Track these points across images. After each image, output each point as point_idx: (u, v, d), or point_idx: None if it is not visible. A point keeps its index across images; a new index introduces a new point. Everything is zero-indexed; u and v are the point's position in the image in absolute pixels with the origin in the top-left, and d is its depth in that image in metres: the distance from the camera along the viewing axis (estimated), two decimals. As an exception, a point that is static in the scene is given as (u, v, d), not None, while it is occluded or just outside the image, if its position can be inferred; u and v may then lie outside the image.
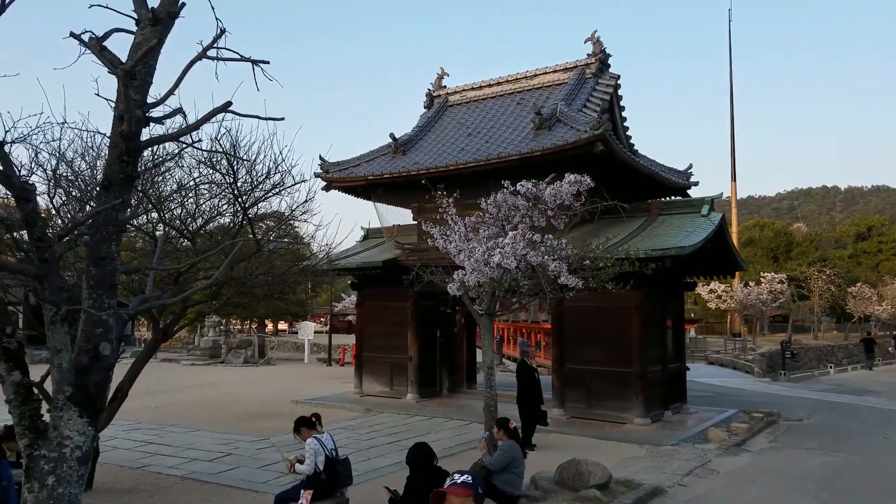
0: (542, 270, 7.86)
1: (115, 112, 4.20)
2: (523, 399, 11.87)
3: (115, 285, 4.10)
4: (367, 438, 12.76)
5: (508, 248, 7.62)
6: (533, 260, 7.72)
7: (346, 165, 17.08)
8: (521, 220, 8.68)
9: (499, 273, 7.83)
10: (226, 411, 16.69)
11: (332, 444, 7.22)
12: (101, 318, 3.93)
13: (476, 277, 7.72)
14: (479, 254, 7.86)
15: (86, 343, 3.88)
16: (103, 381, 3.89)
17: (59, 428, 3.75)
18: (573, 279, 7.82)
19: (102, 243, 3.97)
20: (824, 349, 44.48)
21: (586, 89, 16.53)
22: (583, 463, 8.81)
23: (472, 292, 8.75)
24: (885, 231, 68.91)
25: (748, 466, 10.73)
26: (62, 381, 3.74)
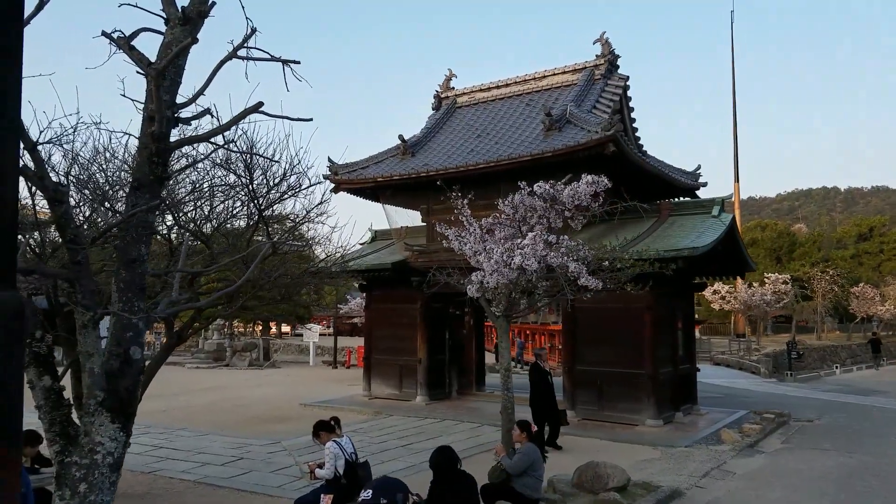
0: (561, 272, 7.79)
1: (144, 113, 4.15)
2: (537, 402, 11.80)
3: (145, 288, 4.04)
4: (379, 442, 12.69)
5: (528, 249, 7.56)
6: (553, 261, 7.66)
7: (354, 167, 17.04)
8: (539, 222, 8.63)
9: (517, 274, 7.76)
10: (234, 415, 16.63)
11: (352, 448, 7.16)
12: (132, 321, 3.88)
13: (497, 278, 7.66)
14: (498, 255, 7.79)
15: (116, 347, 3.82)
16: (134, 386, 3.82)
17: (91, 434, 3.68)
18: (593, 280, 7.76)
19: (133, 246, 3.91)
20: (828, 349, 44.45)
21: (595, 90, 16.49)
22: (601, 465, 8.75)
23: (489, 294, 8.68)
24: (887, 232, 68.85)
25: (764, 468, 10.66)
26: (94, 385, 3.68)
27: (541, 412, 11.72)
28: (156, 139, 3.99)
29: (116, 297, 3.83)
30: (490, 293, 8.68)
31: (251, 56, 4.25)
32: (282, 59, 4.31)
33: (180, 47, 3.96)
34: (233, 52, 4.21)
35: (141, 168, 4.02)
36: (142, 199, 3.96)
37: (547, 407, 11.77)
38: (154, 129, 3.95)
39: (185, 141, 4.42)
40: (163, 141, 4.04)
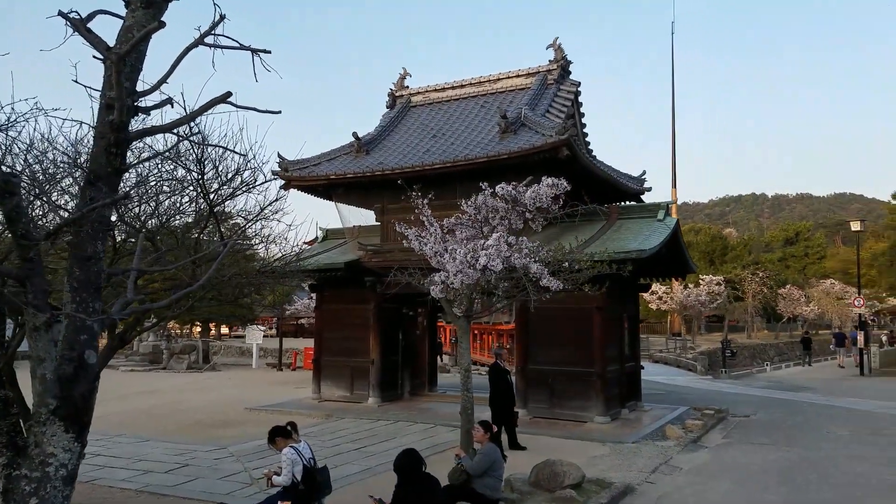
0: (523, 273, 7.80)
1: (101, 100, 3.90)
2: (496, 401, 11.80)
3: (101, 288, 3.78)
4: (331, 445, 12.44)
5: (493, 250, 7.54)
6: (517, 262, 7.66)
7: (306, 164, 16.68)
8: (500, 223, 8.62)
9: (479, 275, 7.72)
10: (176, 420, 16.02)
11: (310, 453, 6.96)
12: (87, 323, 3.62)
13: (461, 279, 7.60)
14: (462, 255, 7.74)
15: (70, 351, 3.55)
16: (89, 393, 3.56)
17: (42, 445, 3.40)
18: (554, 282, 7.79)
19: (88, 242, 3.66)
20: (758, 348, 46.44)
21: (548, 95, 16.66)
22: (557, 464, 8.81)
23: (450, 294, 8.61)
24: (811, 236, 72.60)
25: (709, 463, 10.97)
26: (45, 393, 3.41)
27: (500, 412, 11.74)
28: (115, 129, 3.75)
29: (70, 297, 3.57)
30: (451, 294, 8.61)
31: (219, 44, 4.05)
32: (251, 47, 4.13)
33: (145, 31, 3.73)
34: (199, 39, 4.00)
35: (97, 159, 3.77)
36: (98, 192, 3.71)
37: (506, 407, 11.80)
38: (113, 117, 3.71)
39: (147, 131, 4.17)
40: (122, 131, 3.80)
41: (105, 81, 3.84)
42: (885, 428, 14.31)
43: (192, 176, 7.70)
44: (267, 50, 4.16)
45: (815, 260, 68.49)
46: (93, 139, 3.89)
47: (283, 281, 10.75)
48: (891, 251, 30.11)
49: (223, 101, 3.88)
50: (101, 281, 3.74)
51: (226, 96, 3.88)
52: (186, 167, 7.71)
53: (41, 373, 3.46)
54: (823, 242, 74.24)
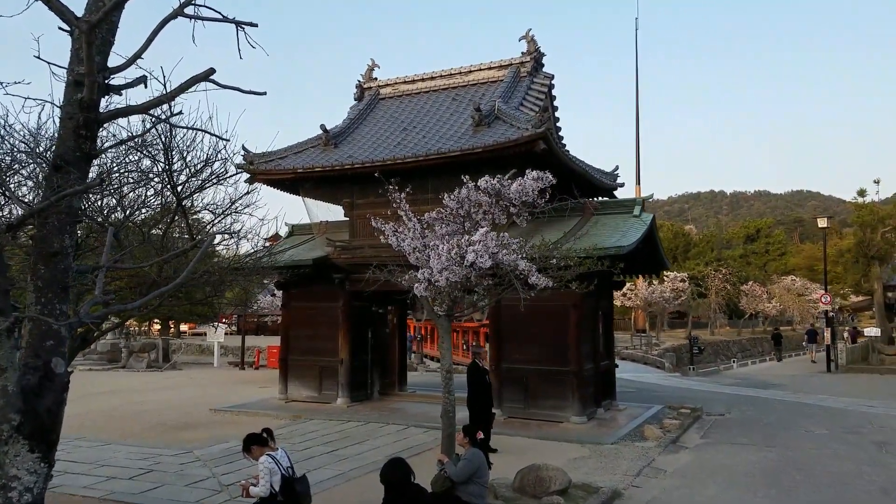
0: (511, 269, 7.51)
1: (68, 76, 3.45)
2: (474, 402, 11.51)
3: (69, 287, 3.35)
4: (302, 449, 11.99)
5: (481, 246, 7.22)
6: (505, 259, 7.36)
7: (272, 157, 16.12)
8: (484, 217, 8.31)
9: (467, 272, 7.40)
10: (138, 422, 15.37)
11: (288, 462, 6.54)
12: (53, 327, 3.19)
13: (447, 276, 7.26)
14: (446, 251, 7.41)
15: (34, 359, 3.11)
16: (57, 406, 3.13)
17: (4, 467, 2.96)
18: (543, 279, 7.53)
19: (55, 235, 3.22)
20: (721, 344, 47.20)
21: (522, 87, 16.43)
22: (543, 468, 8.56)
23: (432, 292, 8.27)
24: (772, 234, 74.17)
25: (692, 464, 10.87)
26: (7, 407, 2.96)
27: (479, 413, 11.45)
28: (84, 108, 3.31)
29: (34, 297, 3.13)
30: (433, 291, 8.27)
31: (200, 15, 3.63)
32: (235, 20, 3.71)
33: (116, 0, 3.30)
34: (179, 10, 3.58)
35: (65, 142, 3.33)
36: (66, 179, 3.28)
37: (485, 408, 11.52)
38: (82, 95, 3.27)
39: (120, 112, 3.73)
40: (92, 110, 3.36)
41: (72, 55, 3.40)
42: (860, 426, 14.45)
43: (159, 166, 7.21)
44: (253, 23, 3.75)
45: (776, 256, 69.99)
46: (58, 121, 3.45)
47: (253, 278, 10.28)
48: (856, 248, 30.82)
49: (206, 78, 3.48)
50: (69, 280, 3.31)
51: (209, 73, 3.48)
52: (152, 156, 7.21)
53: (2, 384, 3.02)
54: (784, 239, 75.94)
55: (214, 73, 3.50)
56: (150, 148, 7.15)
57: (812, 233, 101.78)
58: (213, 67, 3.50)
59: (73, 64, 3.40)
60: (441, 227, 8.78)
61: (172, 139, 7.17)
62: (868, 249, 29.44)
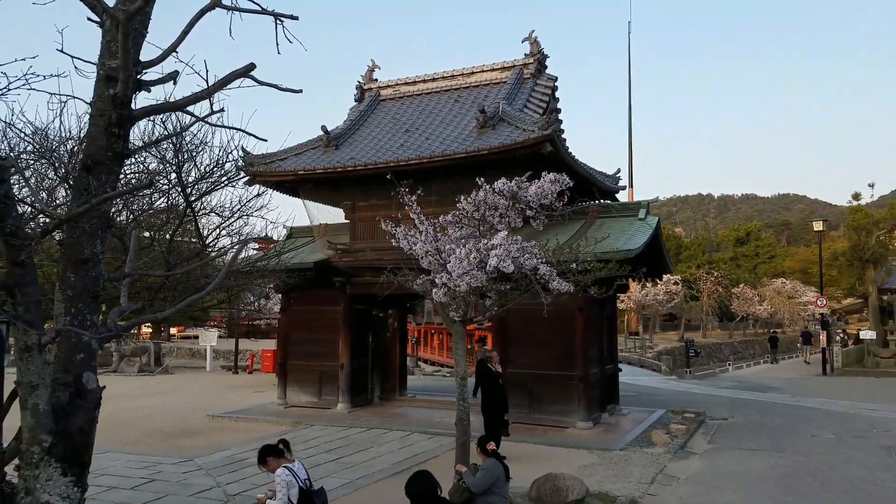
0: (532, 275, 7.33)
1: (99, 70, 3.23)
2: (488, 407, 11.30)
3: (98, 296, 3.13)
4: (305, 456, 11.69)
5: (502, 251, 7.04)
6: (527, 263, 7.18)
7: (272, 158, 15.85)
8: (500, 221, 8.12)
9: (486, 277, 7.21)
10: (134, 428, 15.07)
11: (305, 474, 6.34)
12: (83, 339, 2.97)
13: (468, 281, 7.07)
14: (464, 256, 7.21)
15: (64, 374, 2.89)
16: (89, 424, 2.91)
17: (35, 492, 2.73)
18: (565, 284, 7.36)
19: (86, 241, 3.00)
20: (714, 347, 47.27)
21: (525, 89, 16.27)
22: (560, 478, 8.38)
23: (449, 298, 8.07)
24: (761, 237, 74.56)
25: (703, 471, 10.73)
26: (38, 428, 2.73)
27: (494, 418, 11.24)
28: (117, 104, 3.10)
29: (63, 308, 2.91)
30: (450, 297, 8.08)
31: (238, 6, 3.42)
32: (275, 12, 3.51)
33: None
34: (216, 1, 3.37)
35: (96, 141, 3.11)
36: (97, 180, 3.06)
37: (499, 412, 11.32)
38: (116, 90, 3.05)
39: (155, 109, 3.50)
40: (125, 107, 3.15)
41: (103, 48, 3.18)
42: (865, 430, 14.40)
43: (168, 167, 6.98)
44: (293, 16, 3.54)
45: (766, 259, 70.32)
46: (88, 118, 3.22)
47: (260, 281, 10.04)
48: (851, 251, 30.94)
49: (246, 73, 3.27)
50: (100, 288, 3.09)
51: (249, 68, 3.27)
52: (162, 157, 6.98)
53: (33, 402, 2.79)
54: (773, 242, 76.38)
55: (255, 68, 3.29)
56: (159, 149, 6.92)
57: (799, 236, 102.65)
58: (253, 63, 3.29)
59: (103, 57, 3.18)
60: (455, 230, 8.59)
61: (182, 141, 6.95)
62: (863, 253, 29.60)
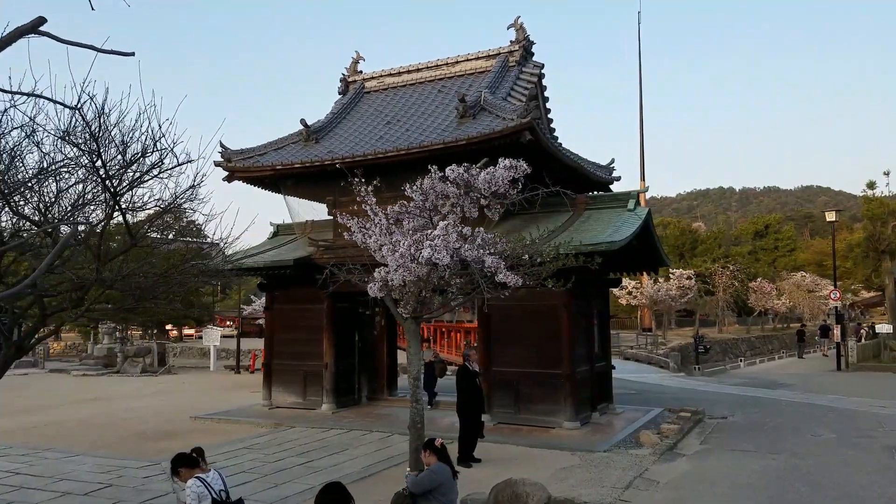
0: (477, 266, 6.81)
1: None
2: (465, 408, 10.87)
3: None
4: (275, 460, 11.34)
5: (440, 241, 6.53)
6: (468, 255, 6.67)
7: (251, 154, 15.49)
8: (451, 210, 7.61)
9: (426, 270, 6.71)
10: (115, 431, 14.82)
11: (221, 485, 5.89)
12: None
13: (402, 275, 6.58)
14: (405, 248, 6.72)
15: None
16: None
17: None
18: (512, 276, 6.83)
19: None
20: (730, 343, 46.19)
21: (510, 77, 15.72)
22: (519, 483, 7.83)
23: (396, 293, 7.59)
24: (781, 229, 72.96)
25: (687, 474, 10.10)
26: None
27: (470, 421, 10.82)
28: None
29: None
30: (396, 292, 7.58)
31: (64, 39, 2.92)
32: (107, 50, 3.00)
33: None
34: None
35: None
36: None
37: (476, 413, 10.89)
38: None
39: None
40: None
41: None
42: (871, 429, 13.62)
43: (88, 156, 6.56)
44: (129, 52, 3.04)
45: (786, 253, 68.83)
46: None
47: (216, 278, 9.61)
48: (866, 242, 29.85)
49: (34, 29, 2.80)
50: None
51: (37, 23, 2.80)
52: (77, 144, 6.56)
53: None
54: (793, 235, 74.71)
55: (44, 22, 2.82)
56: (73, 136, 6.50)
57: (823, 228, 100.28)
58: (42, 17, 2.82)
59: None
60: (408, 221, 8.10)
61: (102, 126, 6.53)
62: (878, 244, 28.51)
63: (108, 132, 6.65)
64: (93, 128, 6.41)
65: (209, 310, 36.73)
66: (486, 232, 8.05)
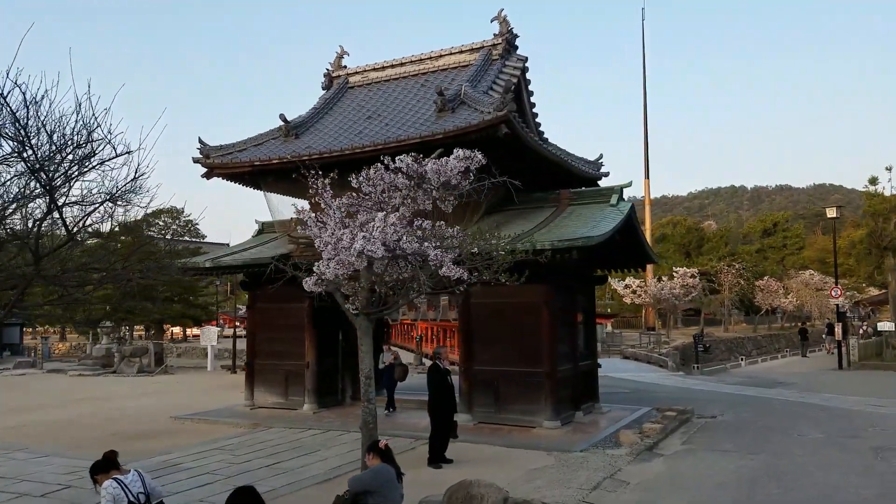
0: (418, 260, 6.56)
1: None
2: (435, 406, 10.64)
3: None
4: (243, 461, 11.12)
5: (377, 233, 6.28)
6: (407, 247, 6.40)
7: (230, 150, 15.31)
8: (403, 203, 7.35)
9: (365, 263, 6.46)
10: (95, 431, 14.68)
11: (140, 486, 5.66)
12: None
13: (335, 269, 6.33)
14: (347, 240, 6.48)
15: None
16: None
17: None
18: (457, 270, 6.56)
19: None
20: (735, 341, 45.60)
21: (493, 71, 15.45)
22: (474, 485, 7.56)
23: (346, 289, 7.35)
24: (789, 227, 72.17)
25: (661, 475, 9.79)
26: None
27: (442, 420, 10.57)
28: None
29: None
30: (347, 287, 7.34)
31: None
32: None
33: None
34: None
35: None
36: None
37: (448, 413, 10.65)
38: None
39: None
40: None
41: None
42: (861, 429, 13.22)
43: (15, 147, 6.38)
44: None
45: (794, 251, 68.07)
46: None
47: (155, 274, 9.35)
48: (868, 239, 29.24)
49: None
50: None
51: None
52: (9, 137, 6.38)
53: None
54: (802, 233, 73.85)
55: None
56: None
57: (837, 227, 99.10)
58: None
59: None
60: (363, 215, 7.86)
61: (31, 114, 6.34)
62: (881, 240, 27.91)
63: (38, 120, 6.47)
64: (19, 115, 6.24)
65: (208, 309, 36.68)
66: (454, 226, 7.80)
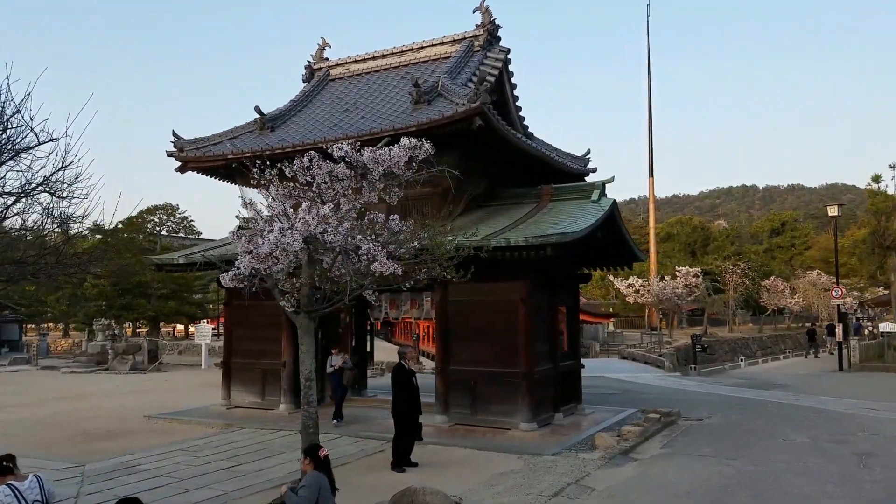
0: (345, 253, 6.17)
1: None
2: (398, 407, 10.27)
3: None
4: (203, 463, 10.78)
5: (299, 224, 5.90)
6: (332, 239, 6.02)
7: (204, 143, 14.98)
8: (344, 193, 6.96)
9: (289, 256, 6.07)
10: (66, 430, 14.41)
11: (37, 493, 5.29)
12: None
13: (249, 263, 5.96)
14: (275, 233, 6.11)
15: None
16: None
17: None
18: (390, 265, 6.16)
19: None
20: (738, 342, 44.89)
21: (473, 63, 15.04)
22: (419, 492, 7.18)
23: (285, 285, 6.97)
24: (798, 226, 71.22)
25: (629, 481, 9.34)
26: None
27: (405, 420, 10.20)
28: None
29: None
30: (287, 284, 6.96)
31: None
32: None
33: None
34: None
35: None
36: None
37: (413, 414, 10.28)
38: None
39: None
40: None
41: None
42: (849, 433, 12.69)
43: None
44: None
45: (802, 250, 67.15)
46: None
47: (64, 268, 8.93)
48: (871, 238, 28.54)
49: None
50: None
51: None
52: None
53: None
54: (811, 233, 72.83)
55: None
56: None
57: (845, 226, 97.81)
58: None
59: None
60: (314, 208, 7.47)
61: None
62: (883, 239, 27.19)
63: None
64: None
65: (204, 307, 36.47)
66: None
